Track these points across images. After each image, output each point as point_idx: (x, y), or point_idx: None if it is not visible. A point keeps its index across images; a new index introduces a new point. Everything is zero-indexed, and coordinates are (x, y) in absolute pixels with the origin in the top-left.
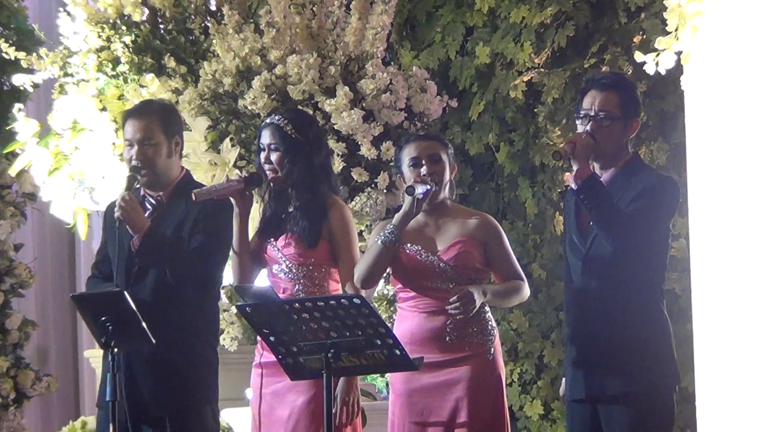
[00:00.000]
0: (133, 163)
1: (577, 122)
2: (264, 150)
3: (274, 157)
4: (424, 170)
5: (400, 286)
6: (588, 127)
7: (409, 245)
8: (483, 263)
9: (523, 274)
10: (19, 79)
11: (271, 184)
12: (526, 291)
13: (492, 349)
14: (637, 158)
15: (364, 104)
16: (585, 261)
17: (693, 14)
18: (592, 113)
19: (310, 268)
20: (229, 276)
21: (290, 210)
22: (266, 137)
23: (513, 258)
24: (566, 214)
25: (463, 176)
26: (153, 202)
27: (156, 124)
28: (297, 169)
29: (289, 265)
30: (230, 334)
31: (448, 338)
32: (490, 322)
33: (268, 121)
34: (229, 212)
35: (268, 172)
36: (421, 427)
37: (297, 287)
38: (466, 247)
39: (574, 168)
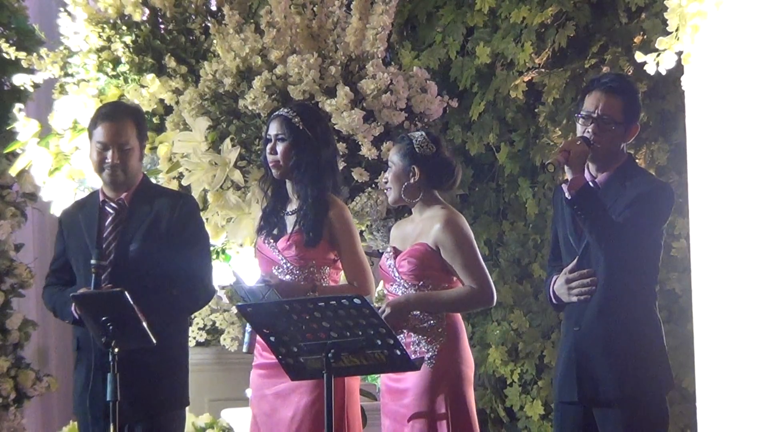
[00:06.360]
0: (107, 162)
1: (578, 122)
2: (270, 141)
3: (280, 147)
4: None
5: None
6: (589, 129)
7: (390, 245)
8: (441, 268)
9: (483, 280)
10: (19, 79)
11: (272, 171)
12: (479, 298)
13: (434, 357)
14: (631, 161)
15: (364, 104)
16: (578, 262)
17: (694, 14)
18: (595, 115)
19: (312, 269)
20: (222, 277)
21: (289, 209)
22: (273, 128)
23: (472, 262)
24: (556, 210)
25: (464, 176)
26: (114, 206)
27: (132, 127)
28: (304, 162)
29: (290, 267)
30: (230, 334)
31: None
32: (439, 329)
33: (276, 113)
34: (198, 210)
35: (270, 164)
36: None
37: None
38: (420, 253)
39: (568, 177)
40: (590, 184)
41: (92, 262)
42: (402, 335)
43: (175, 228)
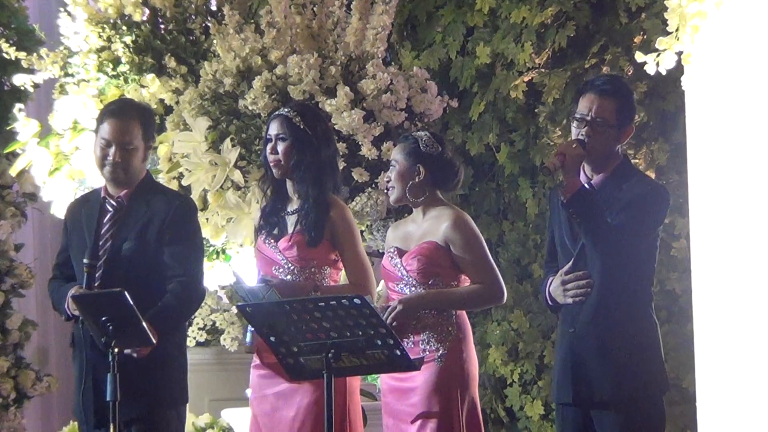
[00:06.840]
0: (108, 160)
1: (573, 124)
2: (271, 141)
3: (280, 147)
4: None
5: None
6: (583, 131)
7: (390, 245)
8: (450, 265)
9: (493, 277)
10: (19, 79)
11: (273, 170)
12: (490, 295)
13: (443, 356)
14: (626, 162)
15: (364, 104)
16: (574, 264)
17: (694, 14)
18: (589, 118)
19: (312, 270)
20: (222, 277)
21: (290, 209)
22: (274, 128)
23: (482, 260)
24: (552, 212)
25: (464, 176)
26: (114, 203)
27: (137, 127)
28: (305, 161)
29: (291, 267)
30: (230, 334)
31: (407, 342)
32: (449, 327)
33: (276, 112)
34: (195, 212)
35: (271, 163)
36: (395, 427)
37: None
38: (429, 251)
39: (564, 181)
40: (586, 186)
41: (84, 261)
42: (411, 336)
43: (169, 228)
